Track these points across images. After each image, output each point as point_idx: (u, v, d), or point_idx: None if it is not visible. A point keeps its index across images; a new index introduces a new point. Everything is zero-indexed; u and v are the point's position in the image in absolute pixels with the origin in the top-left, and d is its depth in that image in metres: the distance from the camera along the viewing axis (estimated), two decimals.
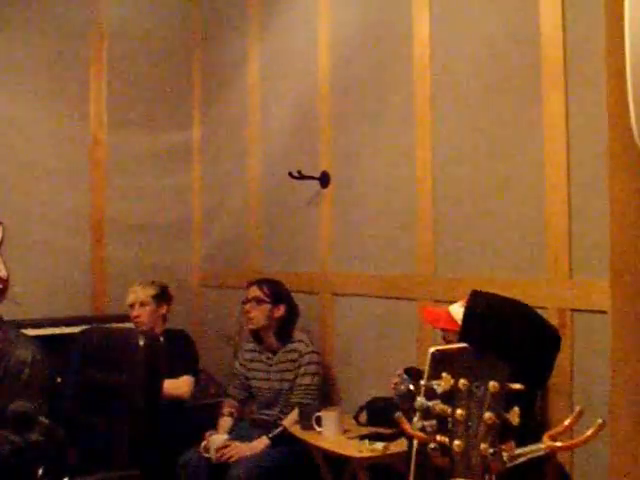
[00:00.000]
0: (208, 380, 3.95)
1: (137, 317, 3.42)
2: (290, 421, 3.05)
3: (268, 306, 3.24)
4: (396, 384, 2.32)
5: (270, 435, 3.01)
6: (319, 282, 3.45)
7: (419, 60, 2.87)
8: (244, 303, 3.32)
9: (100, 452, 2.55)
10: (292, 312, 3.30)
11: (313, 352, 3.20)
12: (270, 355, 3.28)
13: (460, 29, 2.72)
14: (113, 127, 4.23)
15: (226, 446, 2.97)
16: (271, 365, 3.27)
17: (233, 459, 2.91)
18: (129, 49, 4.32)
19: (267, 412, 3.23)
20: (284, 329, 3.26)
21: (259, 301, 3.25)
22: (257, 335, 3.32)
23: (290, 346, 3.23)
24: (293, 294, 3.34)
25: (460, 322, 1.93)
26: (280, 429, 3.01)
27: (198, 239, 4.53)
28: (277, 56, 3.84)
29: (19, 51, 3.96)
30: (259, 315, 3.25)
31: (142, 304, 3.44)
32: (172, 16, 4.52)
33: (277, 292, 3.29)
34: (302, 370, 3.15)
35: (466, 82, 2.69)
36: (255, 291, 3.28)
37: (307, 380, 3.14)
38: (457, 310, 2.10)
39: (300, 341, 3.23)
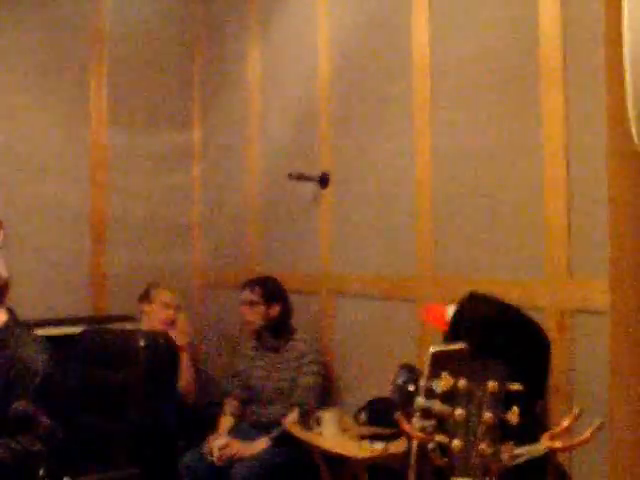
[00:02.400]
0: (208, 380, 3.95)
1: (172, 322, 3.51)
2: (291, 421, 3.04)
3: (262, 307, 3.25)
4: (393, 380, 2.32)
5: (271, 435, 3.01)
6: (319, 282, 3.45)
7: (419, 60, 2.87)
8: (240, 305, 3.34)
9: (100, 452, 2.56)
10: (287, 309, 3.30)
11: (315, 352, 3.20)
12: (271, 353, 3.28)
13: (459, 29, 2.72)
14: (113, 127, 4.23)
15: (227, 446, 2.98)
16: (272, 363, 3.26)
17: (235, 457, 2.92)
18: (129, 49, 4.32)
19: (267, 411, 3.23)
20: (281, 326, 3.27)
21: (252, 303, 3.26)
22: (258, 334, 3.33)
23: (292, 345, 3.23)
24: (293, 294, 3.34)
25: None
26: (281, 429, 3.01)
27: (198, 239, 4.53)
28: (277, 56, 3.84)
29: (19, 51, 3.96)
30: (254, 317, 3.27)
31: (177, 308, 3.54)
32: (172, 16, 4.52)
33: (270, 292, 3.29)
34: (304, 370, 3.15)
35: (465, 82, 2.69)
36: (247, 294, 3.30)
37: (309, 380, 3.13)
38: (450, 311, 2.10)
39: (302, 340, 3.23)
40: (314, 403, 3.06)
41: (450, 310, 2.11)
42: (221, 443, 2.98)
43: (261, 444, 2.99)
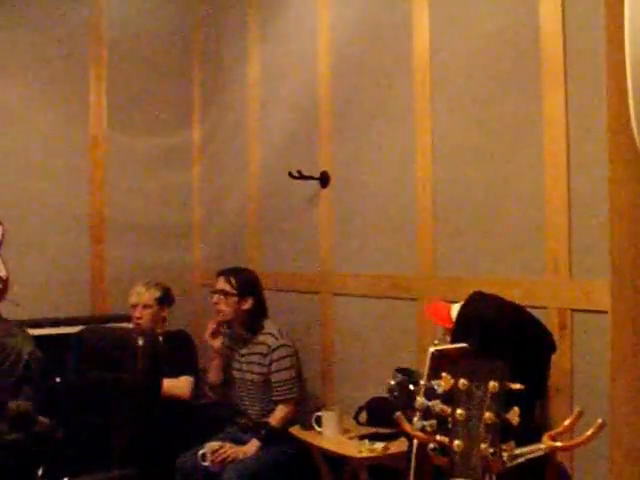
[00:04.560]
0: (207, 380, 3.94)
1: (139, 319, 3.42)
2: (276, 419, 3.04)
3: (235, 299, 3.20)
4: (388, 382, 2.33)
5: (259, 436, 3.00)
6: (319, 282, 3.45)
7: (419, 60, 2.87)
8: (212, 293, 3.27)
9: (99, 452, 2.55)
10: (260, 304, 3.25)
11: (283, 345, 3.14)
12: (240, 345, 3.24)
13: (460, 29, 2.72)
14: (113, 127, 4.23)
15: (220, 447, 2.96)
16: (240, 355, 3.23)
17: (228, 461, 2.91)
18: (129, 49, 4.32)
19: (248, 410, 3.19)
20: (252, 321, 3.22)
21: (226, 294, 3.21)
22: (229, 325, 3.30)
23: (259, 338, 3.18)
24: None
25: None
26: (268, 428, 3.00)
27: (198, 239, 4.53)
28: (277, 56, 3.84)
29: (19, 51, 3.96)
30: (226, 308, 3.21)
31: (145, 306, 3.44)
32: (172, 17, 4.52)
33: (245, 284, 3.23)
34: (275, 366, 3.10)
35: (466, 82, 2.69)
36: (222, 283, 3.23)
37: (283, 376, 3.10)
38: (455, 310, 2.10)
39: (269, 334, 3.18)
40: (295, 396, 3.06)
41: (455, 309, 2.11)
42: (214, 447, 2.97)
43: (252, 446, 2.99)
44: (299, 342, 3.37)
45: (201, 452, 2.96)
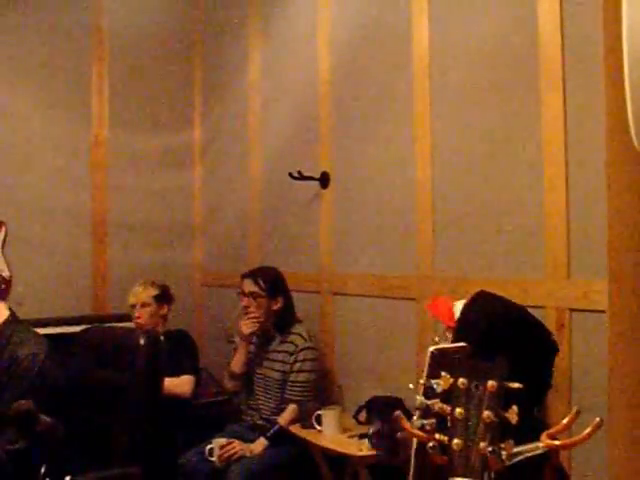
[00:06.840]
0: (208, 379, 3.96)
1: (138, 318, 3.44)
2: (286, 419, 3.05)
3: (265, 300, 3.20)
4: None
5: (267, 434, 3.01)
6: (319, 282, 3.46)
7: (418, 61, 2.88)
8: (242, 295, 3.25)
9: (101, 451, 2.56)
10: (289, 302, 3.25)
11: (309, 348, 3.15)
12: (266, 343, 3.25)
13: (459, 30, 2.73)
14: (114, 127, 4.24)
15: (228, 443, 2.97)
16: (266, 352, 3.23)
17: (235, 457, 2.92)
18: (130, 49, 4.33)
19: (261, 406, 3.20)
20: (282, 320, 3.22)
21: (256, 296, 3.20)
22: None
23: (287, 337, 3.19)
24: (293, 294, 3.34)
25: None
26: (276, 427, 3.01)
27: (199, 239, 4.54)
28: (277, 57, 3.85)
29: (20, 51, 3.96)
30: (258, 311, 3.19)
31: (143, 305, 3.45)
32: (173, 17, 4.52)
33: (273, 283, 3.22)
34: (297, 366, 3.11)
35: (465, 83, 2.70)
36: (251, 285, 3.21)
37: (303, 377, 3.10)
38: (458, 308, 2.10)
39: (298, 334, 3.18)
40: (308, 400, 3.06)
41: (458, 306, 2.11)
42: (222, 442, 2.98)
43: (259, 445, 2.99)
44: None
45: (209, 447, 2.97)
